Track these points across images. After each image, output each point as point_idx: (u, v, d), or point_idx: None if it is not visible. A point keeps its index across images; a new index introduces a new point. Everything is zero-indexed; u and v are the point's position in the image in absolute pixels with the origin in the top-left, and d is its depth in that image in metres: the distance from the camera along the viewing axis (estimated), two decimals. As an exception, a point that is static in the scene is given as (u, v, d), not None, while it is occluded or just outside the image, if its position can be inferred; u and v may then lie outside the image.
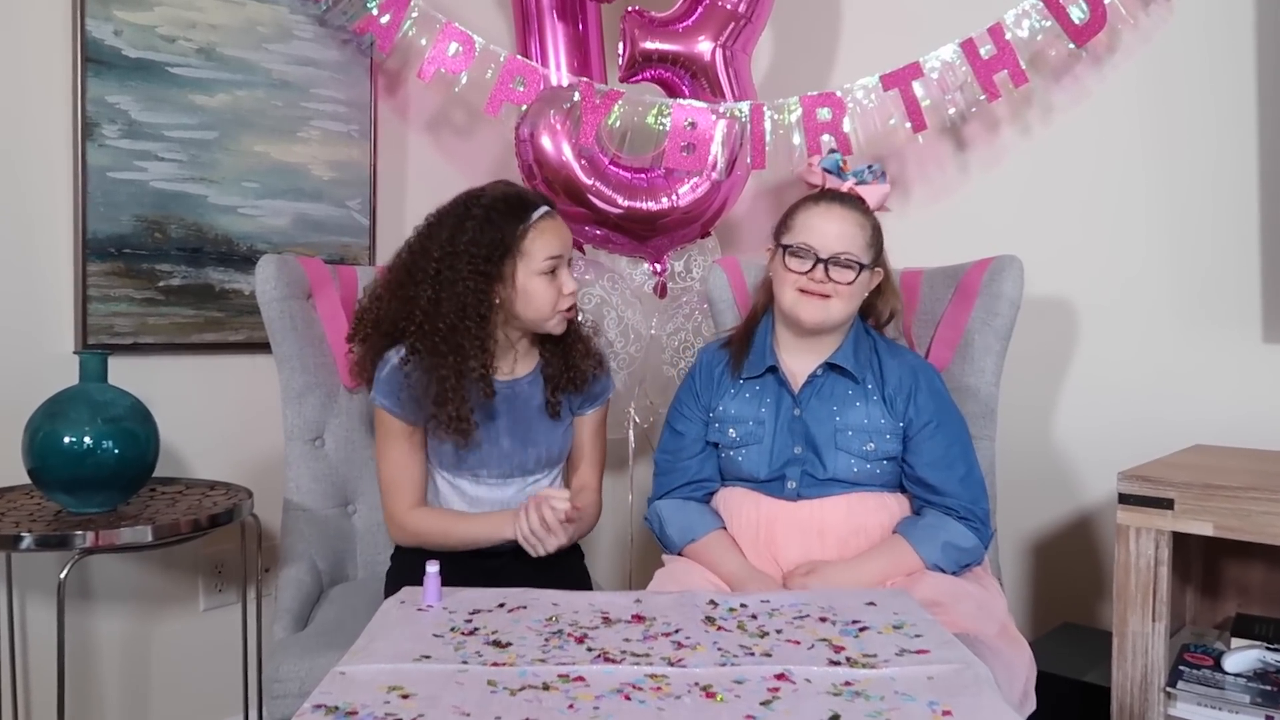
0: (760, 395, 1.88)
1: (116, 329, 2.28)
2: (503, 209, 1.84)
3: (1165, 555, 1.74)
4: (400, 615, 1.45)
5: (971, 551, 1.76)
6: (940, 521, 1.77)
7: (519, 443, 1.94)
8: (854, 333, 1.86)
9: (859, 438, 1.80)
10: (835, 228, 1.80)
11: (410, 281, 1.85)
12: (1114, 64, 2.33)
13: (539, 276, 1.83)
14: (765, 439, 1.84)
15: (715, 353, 1.97)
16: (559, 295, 1.86)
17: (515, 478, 1.97)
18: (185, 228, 2.36)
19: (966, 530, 1.76)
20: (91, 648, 2.29)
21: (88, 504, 1.93)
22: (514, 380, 1.94)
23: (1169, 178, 2.25)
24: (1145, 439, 2.16)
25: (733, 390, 1.90)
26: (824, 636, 1.37)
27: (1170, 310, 2.25)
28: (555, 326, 1.89)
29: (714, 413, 1.91)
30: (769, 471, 1.83)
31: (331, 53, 2.59)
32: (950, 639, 1.36)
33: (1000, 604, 1.74)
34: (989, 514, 1.81)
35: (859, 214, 1.82)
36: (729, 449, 1.88)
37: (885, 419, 1.81)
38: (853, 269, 1.78)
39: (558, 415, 1.97)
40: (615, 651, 1.30)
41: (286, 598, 1.98)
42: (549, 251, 1.84)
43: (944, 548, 1.73)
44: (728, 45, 2.51)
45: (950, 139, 2.58)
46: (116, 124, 2.26)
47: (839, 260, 1.78)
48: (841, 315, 1.81)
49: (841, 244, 1.79)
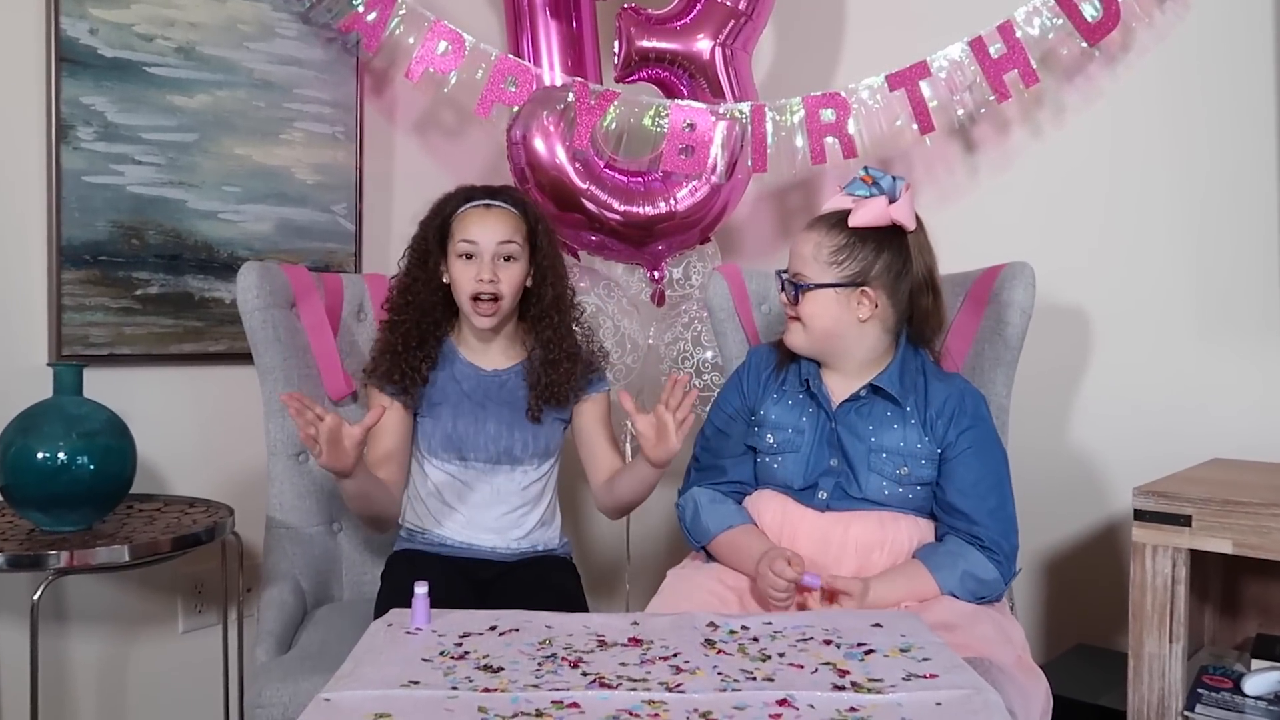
0: (802, 404, 1.88)
1: (92, 339, 2.28)
2: (449, 198, 2.08)
3: (1183, 574, 1.74)
4: (388, 638, 1.45)
5: (991, 585, 1.73)
6: (961, 549, 1.75)
7: (505, 427, 2.05)
8: (901, 355, 1.85)
9: (893, 460, 1.79)
10: (795, 250, 1.83)
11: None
12: (1128, 63, 2.34)
13: (457, 260, 2.02)
14: (803, 448, 1.85)
15: (765, 354, 1.98)
16: (472, 281, 2.00)
17: (503, 465, 2.06)
18: (164, 234, 2.37)
19: (988, 562, 1.74)
20: (66, 672, 2.29)
21: (62, 522, 1.93)
22: (499, 370, 2.10)
23: (1187, 181, 2.26)
24: (1162, 453, 2.17)
25: (776, 395, 1.91)
26: (828, 660, 1.37)
27: (1188, 318, 2.26)
28: (473, 319, 2.03)
29: (755, 416, 1.91)
30: (804, 481, 1.84)
31: (316, 52, 2.59)
32: (960, 663, 1.36)
33: (1018, 633, 1.73)
34: (1016, 551, 1.79)
35: (818, 232, 1.82)
36: (766, 455, 1.88)
37: (922, 443, 1.79)
38: (801, 288, 1.80)
39: (538, 420, 2.06)
40: (611, 676, 1.31)
41: (269, 619, 1.98)
42: (463, 235, 2.01)
43: (962, 577, 1.72)
44: (727, 44, 2.52)
45: (959, 141, 2.59)
46: (92, 126, 2.26)
47: (789, 281, 1.82)
48: (804, 341, 1.83)
49: (792, 265, 1.82)
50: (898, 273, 1.80)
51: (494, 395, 2.07)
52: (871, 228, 1.80)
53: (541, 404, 2.06)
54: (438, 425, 2.05)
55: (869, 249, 1.79)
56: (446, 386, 2.07)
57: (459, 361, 2.09)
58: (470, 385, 2.07)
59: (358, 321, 2.30)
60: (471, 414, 2.05)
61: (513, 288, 2.02)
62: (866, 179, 1.82)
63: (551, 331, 2.07)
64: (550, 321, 2.07)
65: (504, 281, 2.01)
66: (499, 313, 2.02)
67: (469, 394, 2.06)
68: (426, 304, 2.06)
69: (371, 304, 2.31)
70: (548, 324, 2.07)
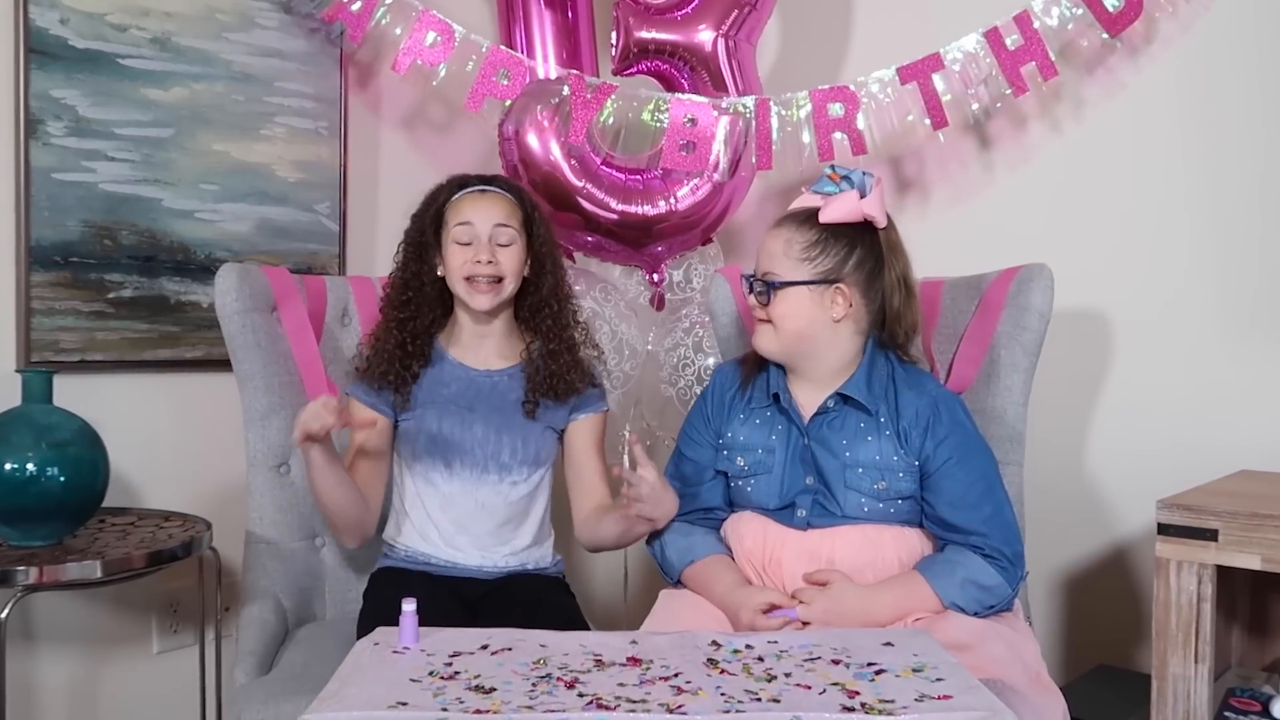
0: (771, 422, 1.89)
1: (62, 345, 2.29)
2: (442, 187, 2.10)
3: (1209, 591, 1.75)
4: (374, 658, 1.46)
5: (995, 591, 1.74)
6: (960, 556, 1.76)
7: (493, 430, 2.05)
8: (867, 359, 1.86)
9: (869, 475, 1.80)
10: (764, 247, 1.84)
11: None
12: (1151, 55, 2.35)
13: (453, 246, 2.03)
14: (775, 468, 1.86)
15: (730, 373, 1.99)
16: (469, 263, 2.01)
17: (490, 474, 2.05)
18: (138, 234, 2.38)
19: (990, 567, 1.74)
20: (34, 694, 2.29)
21: (31, 537, 1.94)
22: (491, 371, 2.10)
23: (1213, 179, 2.27)
24: (1187, 464, 2.16)
25: (743, 415, 1.92)
26: (837, 680, 1.37)
27: (1214, 323, 2.27)
28: (468, 297, 2.03)
29: (723, 439, 1.92)
30: (779, 501, 1.85)
31: (298, 43, 2.60)
32: (975, 684, 1.36)
33: (1033, 649, 1.74)
34: (1021, 557, 1.79)
35: (788, 229, 1.83)
36: (737, 478, 1.90)
37: (898, 456, 1.80)
38: (771, 289, 1.81)
39: (534, 416, 2.07)
40: (609, 697, 1.31)
41: (249, 639, 1.99)
42: (458, 218, 2.03)
43: (963, 585, 1.73)
44: (730, 34, 2.53)
45: (973, 137, 2.60)
46: (62, 121, 2.27)
47: (759, 280, 1.82)
48: (774, 344, 1.83)
49: (762, 264, 1.83)
50: (870, 270, 1.82)
51: (483, 397, 2.07)
52: (843, 224, 1.81)
53: (539, 396, 2.06)
54: (421, 428, 2.05)
55: (841, 245, 1.81)
56: (433, 389, 2.07)
57: (447, 362, 2.09)
58: (458, 388, 2.07)
59: (341, 326, 2.31)
60: (458, 416, 2.05)
61: (513, 270, 2.03)
62: (834, 176, 1.84)
63: (551, 321, 2.09)
64: (550, 311, 2.09)
65: (504, 263, 2.02)
66: (499, 293, 2.03)
67: (455, 397, 2.06)
68: (425, 299, 2.08)
69: (356, 308, 2.32)
70: (547, 313, 2.09)
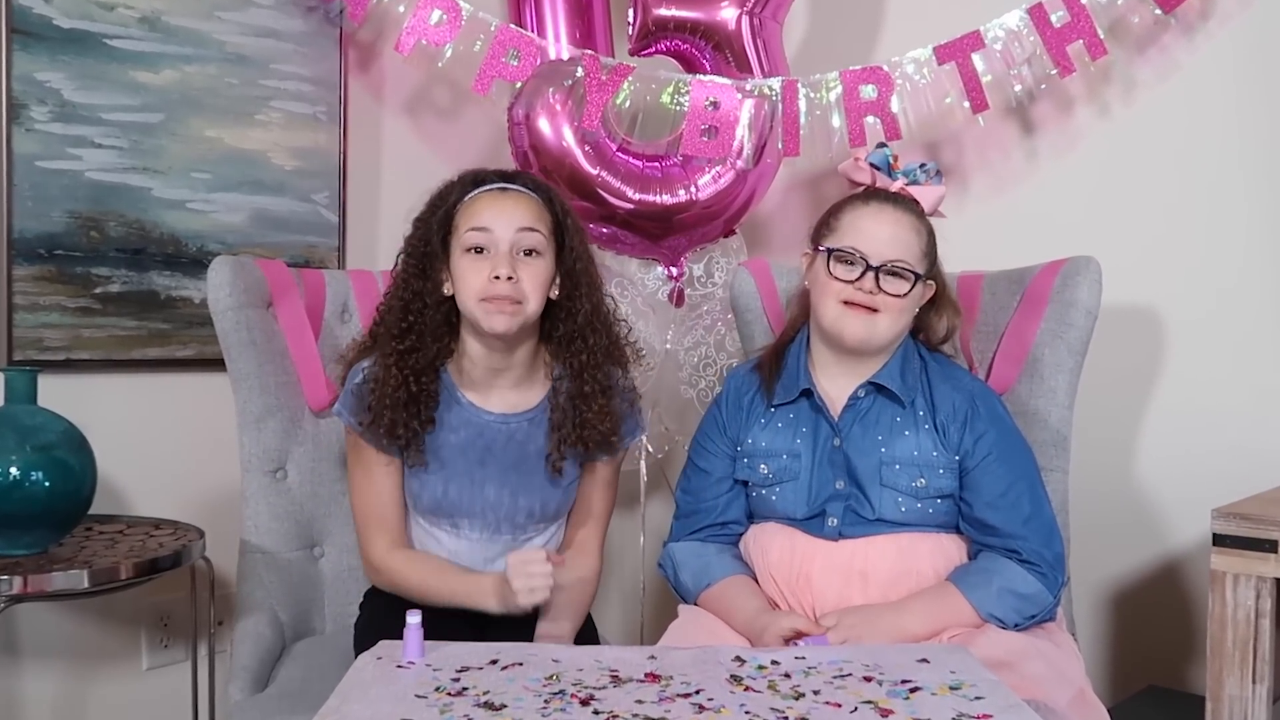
0: (795, 424, 1.90)
1: (46, 343, 2.31)
2: (452, 185, 1.89)
3: (1267, 606, 1.74)
4: (377, 673, 1.47)
5: (1035, 599, 1.75)
6: (996, 564, 1.77)
7: (508, 492, 1.91)
8: (902, 350, 1.88)
9: (907, 472, 1.81)
10: (888, 231, 1.82)
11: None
12: (1208, 32, 2.34)
13: (465, 255, 1.81)
14: (802, 474, 1.86)
15: (744, 377, 1.99)
16: (484, 280, 1.78)
17: (503, 534, 1.94)
18: (126, 225, 2.39)
19: (1028, 574, 1.75)
20: (17, 711, 2.30)
21: (14, 545, 1.95)
22: (507, 417, 1.91)
23: (1272, 166, 2.26)
24: (1243, 471, 2.16)
25: (763, 420, 1.92)
26: (869, 699, 1.38)
27: (1271, 320, 2.26)
28: (484, 320, 1.79)
29: (742, 446, 1.93)
30: (808, 510, 1.85)
31: (295, 22, 2.61)
32: (1017, 703, 1.37)
33: (1077, 666, 1.75)
34: (1062, 560, 1.81)
35: (913, 217, 1.85)
36: (760, 487, 1.90)
37: (938, 450, 1.82)
38: (906, 279, 1.80)
39: (559, 473, 1.91)
40: (626, 715, 1.32)
41: (243, 654, 2.00)
42: (472, 222, 1.81)
43: (1000, 594, 1.74)
44: (755, 12, 2.53)
45: (1016, 120, 2.60)
46: (47, 105, 2.28)
47: (891, 269, 1.80)
48: (888, 334, 1.83)
49: (895, 250, 1.81)
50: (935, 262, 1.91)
51: (497, 450, 1.90)
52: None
53: (565, 449, 1.88)
54: (425, 487, 1.90)
55: (934, 239, 1.89)
56: (440, 436, 1.88)
57: (457, 404, 1.90)
58: (467, 435, 1.89)
59: (341, 323, 2.32)
60: (467, 474, 1.89)
61: (537, 289, 1.81)
62: (896, 163, 1.92)
63: (586, 356, 1.87)
64: (585, 344, 1.87)
65: (525, 280, 1.79)
66: (520, 313, 1.79)
67: (463, 448, 1.89)
68: (430, 326, 1.85)
69: (356, 303, 2.32)
70: (580, 347, 1.87)
